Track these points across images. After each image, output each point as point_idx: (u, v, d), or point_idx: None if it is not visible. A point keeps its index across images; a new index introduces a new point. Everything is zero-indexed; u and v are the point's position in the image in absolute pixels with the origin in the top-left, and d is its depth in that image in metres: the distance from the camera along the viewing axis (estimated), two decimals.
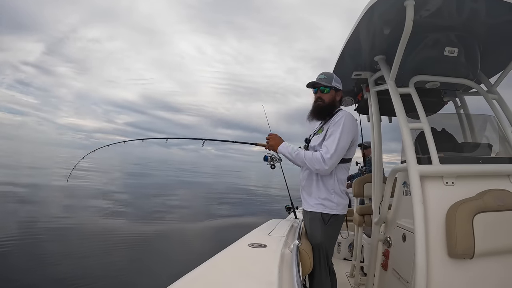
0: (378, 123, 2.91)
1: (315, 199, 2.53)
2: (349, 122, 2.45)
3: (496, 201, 1.95)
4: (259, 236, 2.22)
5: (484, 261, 1.95)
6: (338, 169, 2.50)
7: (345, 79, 3.28)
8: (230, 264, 1.56)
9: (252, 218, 13.95)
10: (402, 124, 2.27)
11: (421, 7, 2.08)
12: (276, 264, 1.50)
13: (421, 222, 1.94)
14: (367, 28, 2.40)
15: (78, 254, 7.08)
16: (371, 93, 2.94)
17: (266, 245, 1.86)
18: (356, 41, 2.60)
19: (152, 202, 17.10)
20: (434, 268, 1.92)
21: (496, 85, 2.69)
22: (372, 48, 2.71)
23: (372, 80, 2.98)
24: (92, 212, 12.52)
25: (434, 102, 3.12)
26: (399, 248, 2.42)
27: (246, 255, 1.71)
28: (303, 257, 2.07)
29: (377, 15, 2.23)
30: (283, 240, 2.11)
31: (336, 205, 2.46)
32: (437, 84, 2.60)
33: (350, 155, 2.56)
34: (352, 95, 3.69)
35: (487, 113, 2.68)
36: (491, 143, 2.58)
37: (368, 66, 3.00)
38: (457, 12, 2.22)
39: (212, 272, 1.40)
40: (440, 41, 2.41)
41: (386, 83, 2.51)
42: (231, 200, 21.51)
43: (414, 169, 2.09)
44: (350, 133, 2.43)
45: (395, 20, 2.21)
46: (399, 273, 2.36)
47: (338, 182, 2.50)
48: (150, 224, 11.45)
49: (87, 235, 8.75)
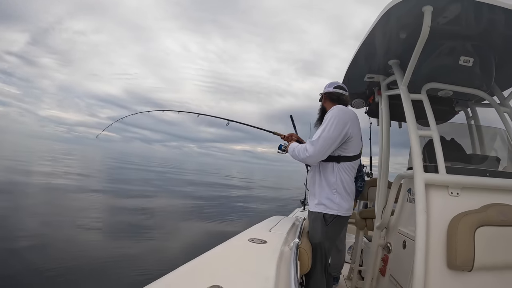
0: (387, 127, 2.90)
1: (317, 199, 2.53)
2: (336, 113, 2.43)
3: (500, 215, 1.94)
4: (260, 232, 2.23)
5: (482, 275, 1.94)
6: (340, 168, 2.48)
7: (358, 81, 3.26)
8: (228, 257, 1.57)
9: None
10: (412, 130, 2.26)
11: (439, 14, 2.06)
12: (275, 260, 1.51)
13: (423, 231, 1.93)
14: (383, 31, 2.38)
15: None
16: (383, 97, 2.92)
17: (266, 241, 1.87)
18: (371, 44, 2.58)
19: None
20: (432, 277, 1.92)
21: (509, 99, 2.66)
22: (387, 51, 2.69)
23: (385, 84, 2.96)
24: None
25: (445, 111, 3.09)
26: (399, 254, 2.42)
27: (246, 249, 1.72)
28: (302, 256, 2.08)
29: (394, 19, 2.21)
30: (284, 237, 2.12)
31: (337, 205, 2.44)
32: (450, 93, 2.58)
33: (349, 151, 2.50)
34: (363, 97, 3.67)
35: (497, 126, 2.65)
36: (499, 157, 2.56)
37: (381, 70, 2.98)
38: (475, 21, 2.20)
39: (210, 264, 1.41)
40: (456, 49, 2.38)
41: (399, 88, 2.50)
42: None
43: (420, 176, 2.08)
44: (339, 123, 2.38)
45: (411, 25, 2.19)
46: (397, 279, 2.36)
47: (341, 182, 2.47)
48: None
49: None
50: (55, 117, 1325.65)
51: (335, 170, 2.48)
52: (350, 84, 3.43)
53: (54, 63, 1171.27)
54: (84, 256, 6.93)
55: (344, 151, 2.48)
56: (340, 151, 2.48)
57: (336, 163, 2.49)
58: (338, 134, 2.38)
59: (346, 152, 2.49)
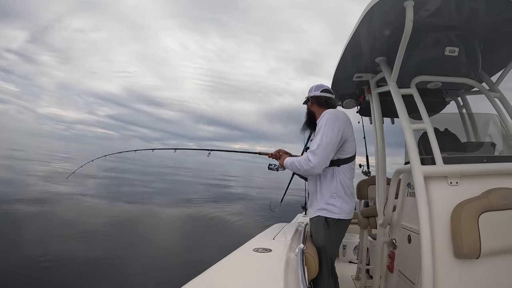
0: (380, 124, 2.91)
1: (318, 205, 2.51)
2: (330, 117, 2.42)
3: (502, 200, 1.94)
4: (263, 241, 2.21)
5: (490, 261, 1.93)
6: (340, 172, 2.48)
7: (347, 81, 3.28)
8: (235, 269, 1.56)
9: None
10: (405, 125, 2.26)
11: (420, 7, 2.09)
12: (282, 268, 1.50)
13: (426, 223, 1.93)
14: (367, 30, 2.40)
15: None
16: (373, 95, 2.93)
17: (271, 250, 1.85)
18: (356, 43, 2.59)
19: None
20: (440, 269, 1.91)
21: (498, 84, 2.69)
22: (373, 50, 2.71)
23: (374, 82, 2.97)
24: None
25: (436, 102, 3.11)
26: (405, 249, 2.41)
27: (251, 260, 1.71)
28: (309, 261, 2.06)
29: (377, 17, 2.23)
30: (288, 244, 2.11)
31: (339, 209, 2.42)
32: (439, 84, 2.60)
33: (347, 152, 2.50)
34: (354, 97, 3.69)
35: (489, 112, 2.67)
36: (494, 142, 2.57)
37: (369, 68, 3.00)
38: (457, 11, 2.22)
39: (217, 278, 1.40)
40: (440, 41, 2.41)
41: (388, 85, 2.51)
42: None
43: (418, 170, 2.08)
44: (334, 126, 2.37)
45: (395, 21, 2.21)
46: (405, 274, 2.35)
47: (341, 185, 2.46)
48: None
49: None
50: (54, 114, 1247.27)
51: (335, 174, 2.47)
52: (340, 85, 3.45)
53: (53, 60, 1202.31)
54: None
55: (342, 153, 2.48)
56: (339, 154, 2.47)
57: (336, 167, 2.48)
58: (336, 138, 2.37)
59: (345, 154, 2.49)
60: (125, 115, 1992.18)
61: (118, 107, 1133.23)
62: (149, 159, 77.90)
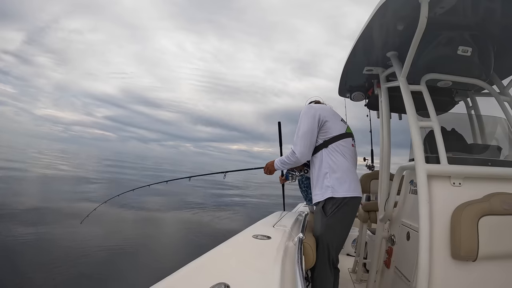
0: (387, 119, 2.89)
1: (315, 192, 2.55)
2: (303, 111, 2.59)
3: (503, 204, 1.94)
4: (263, 228, 2.23)
5: (487, 265, 1.94)
6: (330, 151, 2.51)
7: (356, 74, 3.26)
8: (233, 254, 1.57)
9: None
10: (412, 122, 2.26)
11: (436, 4, 2.06)
12: (280, 256, 1.51)
13: (426, 222, 1.94)
14: (380, 23, 2.37)
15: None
16: (382, 89, 2.92)
17: (270, 237, 1.87)
18: (369, 36, 2.57)
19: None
20: (437, 268, 1.92)
21: (509, 87, 2.66)
22: (385, 44, 2.68)
23: (384, 76, 2.95)
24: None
25: (445, 101, 3.09)
26: (403, 246, 2.42)
27: (250, 246, 1.73)
28: (307, 251, 2.08)
29: (391, 11, 2.20)
30: (288, 232, 2.12)
31: (331, 188, 2.42)
32: (449, 83, 2.57)
33: (333, 131, 2.55)
34: (362, 90, 3.67)
35: (498, 115, 2.65)
36: (500, 146, 2.56)
37: (380, 62, 2.97)
38: (472, 11, 2.19)
39: (215, 262, 1.41)
40: (454, 39, 2.38)
41: (398, 80, 2.49)
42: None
43: (421, 167, 2.08)
44: (307, 116, 2.53)
45: (409, 17, 2.19)
46: (401, 271, 2.36)
47: (333, 162, 2.48)
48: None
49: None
50: (51, 116, 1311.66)
51: (323, 156, 2.52)
52: (349, 77, 3.43)
53: (50, 62, 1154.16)
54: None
55: (326, 134, 2.54)
56: (323, 137, 2.54)
57: (325, 149, 2.53)
58: (311, 125, 2.51)
59: (329, 134, 2.54)
60: (122, 116, 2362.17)
61: (115, 108, 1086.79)
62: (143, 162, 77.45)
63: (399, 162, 2.77)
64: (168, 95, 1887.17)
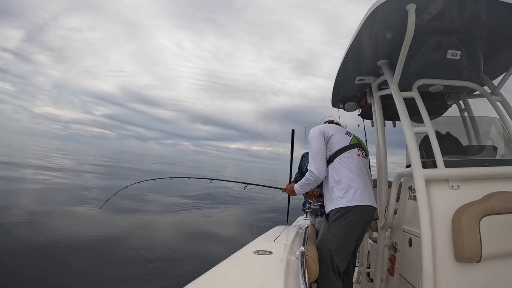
0: (382, 127, 2.91)
1: (326, 205, 2.63)
2: (310, 135, 2.77)
3: (503, 203, 1.94)
4: (264, 243, 2.21)
5: (491, 265, 1.93)
6: (335, 166, 2.60)
7: (348, 84, 3.28)
8: (235, 271, 1.56)
9: None
10: (406, 128, 2.26)
11: (422, 10, 2.08)
12: (282, 271, 1.50)
13: (427, 227, 1.93)
14: (369, 32, 2.40)
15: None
16: (375, 98, 2.93)
17: (271, 252, 1.85)
18: (358, 46, 2.59)
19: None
20: (441, 272, 1.91)
21: (500, 87, 2.68)
22: (375, 53, 2.71)
23: (376, 85, 2.97)
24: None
25: (437, 106, 3.11)
26: (406, 253, 2.41)
27: (252, 262, 1.71)
28: (309, 264, 2.05)
29: (379, 20, 2.23)
30: (289, 246, 2.10)
31: (335, 200, 2.49)
32: (441, 87, 2.59)
33: (336, 145, 2.65)
34: (355, 100, 3.68)
35: (491, 115, 2.67)
36: (496, 145, 2.57)
37: (371, 71, 3.00)
38: (459, 15, 2.22)
39: (218, 280, 1.40)
40: (442, 44, 2.40)
41: (390, 88, 2.51)
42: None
43: (419, 173, 2.08)
44: (313, 138, 2.69)
45: (397, 25, 2.21)
46: (406, 278, 2.34)
47: (336, 175, 2.55)
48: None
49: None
50: (50, 114, 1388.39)
51: (330, 170, 2.61)
52: (341, 87, 3.45)
53: (49, 60, 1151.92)
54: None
55: (330, 150, 2.64)
56: (328, 153, 2.64)
57: (331, 164, 2.61)
58: (319, 144, 2.65)
59: (333, 148, 2.63)
60: (121, 115, 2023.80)
61: (114, 107, 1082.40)
62: (142, 160, 77.26)
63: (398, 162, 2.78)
64: (167, 93, 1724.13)
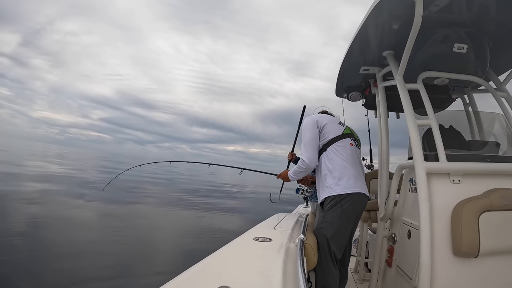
0: (385, 118, 2.89)
1: (319, 194, 2.67)
2: (303, 124, 2.83)
3: (503, 200, 1.94)
4: (264, 230, 2.23)
5: (488, 261, 1.94)
6: (328, 154, 2.63)
7: (353, 73, 3.26)
8: (235, 257, 1.57)
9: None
10: (410, 120, 2.26)
11: (430, 2, 2.06)
12: (281, 258, 1.51)
13: (427, 219, 1.94)
14: (375, 23, 2.38)
15: None
16: (379, 89, 2.92)
17: (271, 239, 1.86)
18: (364, 36, 2.57)
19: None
20: (438, 266, 1.92)
21: (506, 83, 2.66)
22: (381, 43, 2.69)
23: (380, 76, 2.95)
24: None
25: (442, 99, 3.09)
26: (404, 245, 2.42)
27: (251, 248, 1.72)
28: (308, 252, 2.07)
29: (386, 10, 2.21)
30: (289, 234, 2.11)
31: (329, 188, 2.52)
32: (446, 80, 2.58)
33: (330, 134, 2.69)
34: (359, 90, 3.67)
35: (495, 111, 2.65)
36: (499, 142, 2.56)
37: (376, 61, 2.97)
38: (467, 8, 2.20)
39: (217, 265, 1.41)
40: (449, 37, 2.38)
41: (394, 79, 2.50)
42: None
43: (421, 165, 2.08)
44: (307, 127, 2.73)
45: (404, 16, 2.19)
46: (403, 270, 2.36)
47: (330, 164, 2.58)
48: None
49: None
50: (47, 118, 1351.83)
51: (322, 159, 2.65)
52: (346, 77, 3.43)
53: (45, 64, 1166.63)
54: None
55: (324, 139, 2.68)
56: (321, 142, 2.71)
57: (324, 152, 2.65)
58: (312, 133, 2.68)
59: (326, 137, 2.67)
60: (118, 118, 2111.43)
61: (111, 110, 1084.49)
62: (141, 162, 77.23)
63: (397, 162, 2.78)
64: (164, 96, 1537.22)
